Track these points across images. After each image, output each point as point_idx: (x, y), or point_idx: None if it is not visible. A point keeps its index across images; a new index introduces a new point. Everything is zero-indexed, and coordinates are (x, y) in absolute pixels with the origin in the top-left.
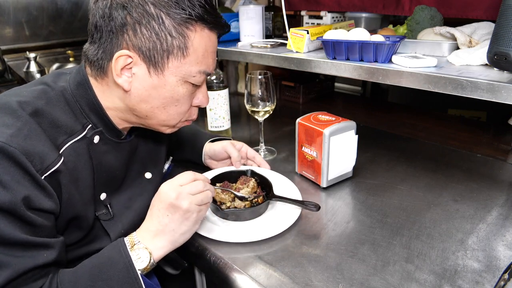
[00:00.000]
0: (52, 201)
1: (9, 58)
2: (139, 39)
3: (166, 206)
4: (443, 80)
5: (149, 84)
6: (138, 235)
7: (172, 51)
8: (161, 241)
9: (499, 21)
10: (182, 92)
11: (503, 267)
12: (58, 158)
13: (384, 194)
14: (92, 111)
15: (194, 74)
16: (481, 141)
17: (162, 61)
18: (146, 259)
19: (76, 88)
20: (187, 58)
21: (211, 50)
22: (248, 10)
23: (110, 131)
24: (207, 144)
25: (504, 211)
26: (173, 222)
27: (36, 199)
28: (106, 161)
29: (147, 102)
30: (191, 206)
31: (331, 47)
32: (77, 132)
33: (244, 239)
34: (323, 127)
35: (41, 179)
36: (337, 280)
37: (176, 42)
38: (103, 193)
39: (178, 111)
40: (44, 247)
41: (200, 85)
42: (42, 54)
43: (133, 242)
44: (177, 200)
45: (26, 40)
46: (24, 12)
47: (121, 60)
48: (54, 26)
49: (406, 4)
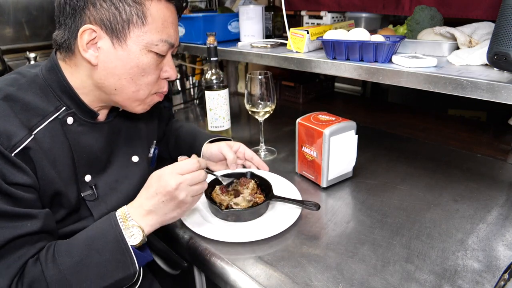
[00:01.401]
0: (27, 176)
1: (9, 58)
2: (99, 12)
3: (164, 192)
4: (443, 80)
5: (114, 55)
6: (130, 210)
7: (132, 20)
8: (151, 220)
9: (499, 21)
10: (147, 61)
11: (503, 267)
12: (27, 136)
13: (384, 194)
14: (63, 93)
15: (156, 43)
16: (481, 141)
17: (124, 32)
18: (139, 236)
19: (48, 73)
20: (147, 27)
21: (171, 20)
22: (248, 10)
23: (83, 112)
24: (206, 145)
25: (504, 211)
26: (166, 208)
27: (9, 174)
28: (84, 142)
29: (114, 74)
30: (187, 198)
31: (331, 47)
32: (50, 113)
33: (244, 239)
34: (323, 127)
35: (10, 155)
36: (337, 280)
37: (134, 10)
38: (87, 175)
39: (145, 81)
40: (27, 217)
41: (165, 56)
42: (42, 54)
43: (126, 217)
44: (176, 191)
45: (26, 40)
46: (24, 12)
47: (86, 35)
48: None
49: (406, 4)
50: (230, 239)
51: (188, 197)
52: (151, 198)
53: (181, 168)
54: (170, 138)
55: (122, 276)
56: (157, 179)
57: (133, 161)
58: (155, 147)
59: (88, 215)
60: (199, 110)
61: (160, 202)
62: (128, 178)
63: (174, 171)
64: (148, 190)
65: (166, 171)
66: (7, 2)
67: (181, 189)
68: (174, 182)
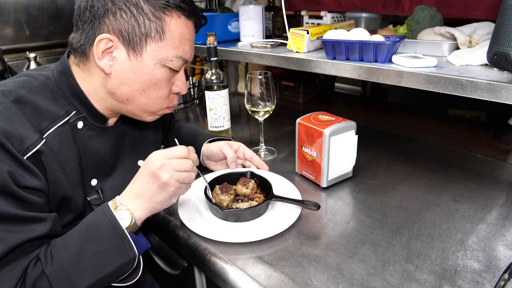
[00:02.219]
0: (38, 180)
1: (9, 58)
2: (119, 23)
3: (148, 173)
4: (443, 80)
5: (128, 67)
6: (120, 197)
7: (150, 34)
8: (140, 204)
9: (499, 21)
10: (160, 76)
11: (503, 267)
12: (39, 139)
13: (384, 194)
14: (74, 97)
15: (171, 59)
16: (481, 141)
17: (141, 44)
18: (128, 218)
19: (59, 76)
20: (164, 42)
21: (188, 37)
22: (248, 10)
23: (93, 117)
24: (205, 145)
25: (504, 211)
26: (150, 190)
27: (21, 177)
28: (93, 146)
29: (127, 85)
30: (170, 180)
31: (331, 47)
32: (60, 117)
33: (244, 239)
34: (323, 127)
35: (23, 158)
36: (337, 280)
37: (154, 25)
38: (94, 179)
39: (157, 95)
40: (37, 221)
41: (178, 71)
42: (42, 54)
43: (116, 204)
44: (159, 171)
45: (26, 40)
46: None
47: (102, 44)
48: (54, 26)
49: (406, 4)
50: (230, 239)
51: (173, 180)
52: (138, 181)
53: (169, 152)
54: (170, 138)
55: (122, 262)
56: (145, 163)
57: (139, 165)
58: None
59: None
60: (199, 110)
61: (146, 183)
62: None
63: (161, 154)
64: (137, 175)
65: (152, 155)
66: (7, 2)
67: (165, 170)
68: (158, 163)
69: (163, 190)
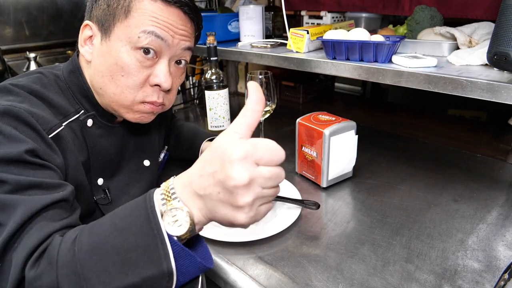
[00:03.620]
0: (59, 159)
1: (9, 58)
2: (97, 9)
3: (225, 183)
4: (443, 80)
5: (100, 51)
6: (176, 184)
7: (117, 15)
8: (200, 204)
9: (499, 21)
10: (128, 60)
11: (503, 267)
12: (59, 124)
13: (384, 194)
14: (83, 96)
15: (138, 35)
16: (481, 141)
17: (110, 27)
18: (185, 223)
19: (68, 75)
20: (130, 20)
21: (162, 19)
22: (248, 10)
23: (102, 115)
24: (205, 143)
25: (504, 211)
26: (220, 205)
27: (45, 153)
28: (101, 145)
29: (98, 71)
30: (250, 204)
31: (331, 47)
32: (71, 113)
33: (244, 239)
34: (323, 127)
35: (47, 136)
36: (337, 280)
37: (121, 5)
38: (100, 178)
39: (126, 83)
40: (59, 186)
41: (157, 58)
42: (42, 54)
43: (168, 192)
44: (242, 189)
45: (26, 40)
46: (24, 12)
47: (85, 31)
48: (54, 26)
49: (406, 4)
50: (230, 239)
51: (255, 206)
52: (205, 179)
53: (262, 155)
54: (170, 137)
55: (150, 273)
56: (221, 158)
57: (145, 165)
58: (166, 152)
59: None
60: (199, 110)
61: (215, 192)
62: (140, 182)
63: (251, 156)
64: (204, 166)
65: (239, 153)
66: (7, 2)
67: (251, 189)
68: (246, 175)
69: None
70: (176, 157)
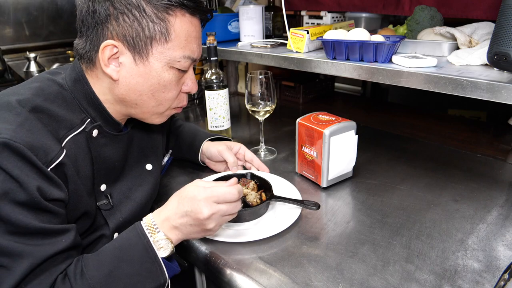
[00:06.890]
0: (61, 191)
1: (9, 58)
2: (122, 27)
3: (194, 217)
4: (443, 80)
5: (135, 72)
6: (156, 221)
7: (155, 37)
8: (177, 235)
9: (499, 21)
10: (168, 78)
11: (503, 267)
12: (61, 151)
13: (384, 194)
14: (90, 105)
15: (178, 59)
16: (481, 141)
17: (146, 48)
18: (168, 248)
19: (73, 84)
20: (170, 43)
21: (194, 35)
22: (248, 10)
23: (108, 124)
24: (205, 143)
25: (504, 211)
26: (192, 229)
27: (47, 190)
28: (105, 153)
29: (136, 90)
30: (215, 227)
31: (331, 47)
32: (76, 126)
33: (244, 239)
34: (323, 127)
35: (47, 170)
36: (337, 280)
37: (158, 27)
38: (103, 185)
39: (166, 97)
40: (61, 232)
41: (187, 71)
42: (42, 54)
43: (153, 228)
44: (206, 220)
45: (26, 40)
46: (24, 12)
47: (107, 50)
48: (54, 26)
49: (406, 4)
50: (230, 239)
51: (217, 226)
52: (180, 217)
53: (219, 197)
54: (171, 137)
55: (152, 286)
56: (190, 200)
57: (147, 169)
58: (170, 157)
59: (103, 224)
60: (199, 110)
61: (188, 224)
62: (142, 185)
63: (210, 198)
64: (178, 207)
65: (203, 195)
66: (7, 2)
67: (213, 219)
68: (207, 212)
69: (203, 232)
70: (176, 157)
